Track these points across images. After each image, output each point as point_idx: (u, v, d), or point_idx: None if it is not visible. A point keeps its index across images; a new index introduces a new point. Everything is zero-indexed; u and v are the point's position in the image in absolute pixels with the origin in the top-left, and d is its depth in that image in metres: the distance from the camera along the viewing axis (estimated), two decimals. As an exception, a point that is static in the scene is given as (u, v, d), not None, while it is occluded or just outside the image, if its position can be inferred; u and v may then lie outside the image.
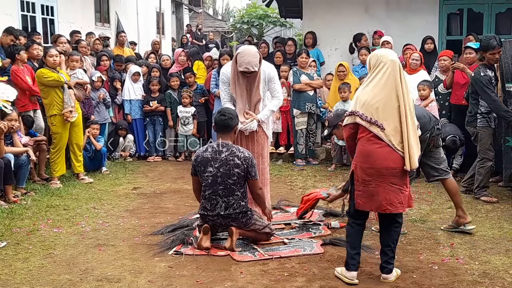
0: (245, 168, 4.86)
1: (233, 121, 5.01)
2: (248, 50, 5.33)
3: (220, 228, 5.00)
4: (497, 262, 4.61)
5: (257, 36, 21.52)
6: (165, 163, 9.54)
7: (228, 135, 5.01)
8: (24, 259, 4.74)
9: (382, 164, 4.07)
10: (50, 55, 7.36)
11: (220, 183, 4.86)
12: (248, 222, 4.96)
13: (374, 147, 4.08)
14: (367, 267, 4.51)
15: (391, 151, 4.07)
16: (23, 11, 11.48)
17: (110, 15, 16.14)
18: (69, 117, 7.38)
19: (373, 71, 4.15)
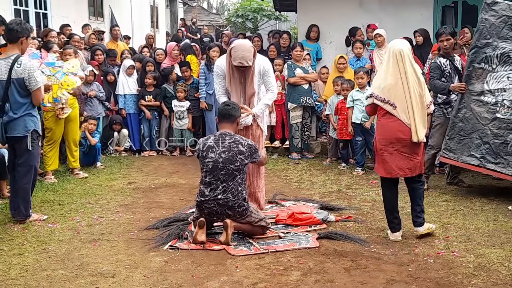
0: (249, 155, 4.97)
1: (237, 111, 5.13)
2: (242, 45, 5.34)
3: (216, 216, 4.96)
4: (492, 254, 4.62)
5: (251, 29, 21.47)
6: (160, 158, 9.52)
7: (231, 125, 5.11)
8: (19, 254, 4.72)
9: (393, 135, 4.87)
10: (54, 51, 7.37)
11: (222, 168, 4.89)
12: (244, 213, 4.96)
13: (387, 121, 4.91)
14: (362, 260, 4.51)
15: (401, 124, 4.85)
16: (15, 5, 11.41)
17: (104, 9, 16.06)
18: (60, 114, 7.33)
19: (385, 59, 4.97)
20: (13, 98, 5.56)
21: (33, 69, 5.57)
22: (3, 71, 5.53)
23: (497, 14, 6.45)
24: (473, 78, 6.56)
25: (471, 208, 6.09)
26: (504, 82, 6.37)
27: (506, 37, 6.38)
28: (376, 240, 5.03)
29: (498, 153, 6.32)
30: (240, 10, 22.08)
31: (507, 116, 6.31)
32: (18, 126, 5.59)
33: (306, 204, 6.14)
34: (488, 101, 6.45)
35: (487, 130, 6.42)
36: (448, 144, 6.75)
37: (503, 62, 6.37)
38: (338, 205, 6.23)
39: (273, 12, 20.64)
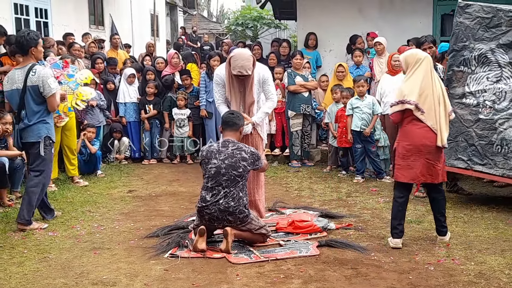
0: (251, 162, 5.00)
1: (240, 120, 5.18)
2: (242, 54, 5.37)
3: (216, 222, 4.96)
4: (493, 262, 4.62)
5: (251, 38, 21.52)
6: (160, 166, 9.52)
7: (234, 134, 5.14)
8: (19, 263, 4.72)
9: (420, 142, 4.96)
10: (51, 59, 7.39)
11: (224, 174, 4.91)
12: (245, 220, 4.96)
13: (414, 128, 4.98)
14: (363, 268, 4.51)
15: (428, 131, 4.95)
16: (16, 14, 11.43)
17: (104, 17, 16.10)
18: (57, 122, 7.35)
19: (412, 67, 5.02)
20: (28, 105, 5.75)
21: (47, 76, 5.75)
22: (19, 80, 5.75)
23: (471, 16, 6.48)
24: (453, 81, 6.58)
25: (471, 215, 6.10)
26: (484, 83, 6.38)
27: (482, 38, 6.39)
28: (376, 248, 5.03)
29: (485, 154, 6.32)
30: (240, 19, 22.13)
31: (489, 116, 6.31)
32: (32, 132, 5.77)
33: (306, 212, 6.14)
34: (470, 103, 6.46)
35: (471, 132, 6.42)
36: None
37: (481, 63, 6.40)
38: (339, 213, 6.23)
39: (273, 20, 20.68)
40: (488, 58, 6.35)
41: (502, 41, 6.27)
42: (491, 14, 6.36)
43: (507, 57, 6.24)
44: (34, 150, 5.81)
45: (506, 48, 6.25)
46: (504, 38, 6.26)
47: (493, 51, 6.33)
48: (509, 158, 6.17)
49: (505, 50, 6.26)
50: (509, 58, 6.23)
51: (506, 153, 6.19)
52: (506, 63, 6.26)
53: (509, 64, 6.23)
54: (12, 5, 11.26)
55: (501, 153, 6.23)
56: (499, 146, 6.25)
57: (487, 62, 6.36)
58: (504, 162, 6.21)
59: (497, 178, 6.41)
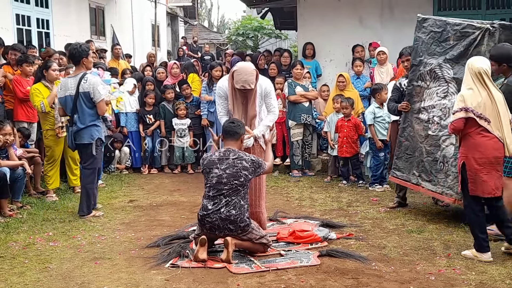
0: (253, 170, 5.02)
1: (241, 129, 5.17)
2: (245, 68, 5.38)
3: (218, 231, 4.95)
4: (494, 272, 4.61)
5: (252, 48, 21.60)
6: (161, 176, 9.53)
7: (235, 143, 5.14)
8: (20, 273, 4.72)
9: (492, 154, 4.87)
10: (53, 69, 7.43)
11: (226, 183, 4.93)
12: (246, 229, 4.96)
13: (484, 140, 4.88)
14: (363, 278, 4.51)
15: (497, 142, 4.89)
16: (18, 24, 11.49)
17: (105, 28, 16.18)
18: (59, 133, 7.39)
19: (475, 76, 4.91)
20: (80, 110, 6.47)
21: (97, 83, 6.50)
22: (72, 88, 6.46)
23: (426, 31, 6.42)
24: (414, 96, 6.52)
25: (472, 225, 6.08)
26: (434, 98, 6.28)
27: (434, 53, 6.30)
28: (377, 257, 5.02)
29: (430, 170, 6.23)
30: (241, 29, 22.24)
31: (436, 132, 6.22)
32: (85, 134, 6.51)
33: (307, 222, 6.14)
34: (423, 118, 6.39)
35: (422, 148, 6.35)
36: (396, 164, 6.73)
37: (432, 78, 6.30)
38: (339, 222, 6.23)
39: (274, 30, 20.79)
40: (436, 73, 6.24)
41: (448, 56, 6.12)
42: (441, 28, 6.24)
43: (452, 72, 6.07)
44: (87, 150, 6.57)
45: (452, 63, 6.09)
46: (450, 53, 6.11)
47: (441, 66, 6.20)
48: (448, 176, 6.02)
49: (451, 65, 6.10)
50: (453, 74, 6.06)
51: (446, 170, 6.05)
52: (450, 79, 6.09)
53: (453, 80, 6.06)
54: (14, 15, 11.32)
55: (442, 170, 6.10)
56: (442, 163, 6.13)
57: (437, 77, 6.24)
58: (444, 179, 6.07)
59: (438, 196, 6.25)
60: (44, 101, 7.27)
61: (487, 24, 5.77)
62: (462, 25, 5.98)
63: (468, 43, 5.91)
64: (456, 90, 5.97)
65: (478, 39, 5.82)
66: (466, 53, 5.91)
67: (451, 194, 5.99)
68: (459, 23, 6.03)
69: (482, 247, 4.93)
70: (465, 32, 5.94)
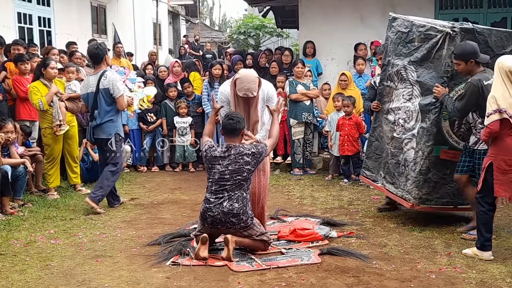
0: (255, 162, 5.05)
1: (241, 124, 5.15)
2: (247, 76, 5.35)
3: (220, 225, 4.95)
4: (495, 270, 4.62)
5: (253, 46, 21.59)
6: (162, 174, 9.54)
7: (236, 138, 5.14)
8: (21, 270, 4.73)
9: None
10: (52, 67, 7.41)
11: (228, 179, 4.96)
12: (248, 223, 4.97)
13: None
14: (364, 276, 4.51)
15: None
16: (20, 23, 11.51)
17: (107, 26, 16.19)
18: (57, 131, 7.38)
19: (505, 75, 4.78)
20: (101, 106, 6.75)
21: (116, 80, 6.76)
22: (93, 85, 6.77)
23: (395, 30, 6.29)
24: (384, 96, 6.43)
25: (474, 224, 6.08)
26: (400, 100, 6.15)
27: (400, 53, 6.16)
28: (378, 256, 5.03)
29: (393, 173, 6.14)
30: (242, 27, 22.21)
31: (400, 135, 6.10)
32: (103, 130, 6.80)
33: (308, 220, 6.15)
34: (390, 120, 6.29)
35: (388, 149, 6.27)
36: (366, 163, 6.70)
37: (399, 80, 6.15)
38: (340, 221, 6.23)
39: (275, 29, 20.77)
40: (402, 75, 6.10)
41: (413, 58, 5.95)
42: (408, 29, 6.08)
43: (415, 75, 5.91)
44: (107, 145, 6.83)
45: (416, 66, 5.93)
46: (415, 55, 5.94)
47: (406, 68, 6.04)
48: (408, 180, 5.90)
49: (415, 67, 5.93)
50: (417, 76, 5.90)
51: (406, 174, 5.94)
52: (414, 81, 5.93)
53: (417, 83, 5.90)
54: (16, 14, 11.34)
55: (403, 174, 5.99)
56: (403, 167, 6.01)
57: (403, 79, 6.10)
58: (404, 183, 5.96)
59: (398, 199, 6.09)
60: (42, 99, 7.26)
61: (448, 28, 5.60)
62: (426, 27, 5.82)
63: (431, 46, 5.74)
64: (419, 93, 5.87)
65: (440, 42, 5.65)
66: (429, 56, 5.78)
67: (409, 198, 5.88)
68: (423, 24, 5.88)
69: (484, 246, 4.93)
70: (429, 34, 5.78)
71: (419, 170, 5.79)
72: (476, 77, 5.24)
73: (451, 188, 5.84)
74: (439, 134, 5.74)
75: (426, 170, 5.78)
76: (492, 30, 5.75)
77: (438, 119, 5.71)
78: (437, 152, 5.77)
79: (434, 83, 5.67)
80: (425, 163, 5.77)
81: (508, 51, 5.67)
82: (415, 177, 5.81)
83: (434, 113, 5.71)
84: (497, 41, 5.67)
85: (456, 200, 5.93)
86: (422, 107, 5.80)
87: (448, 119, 5.71)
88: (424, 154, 5.78)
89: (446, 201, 5.92)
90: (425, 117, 5.78)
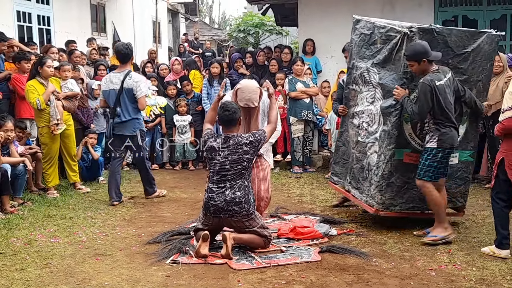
0: (254, 151, 5.11)
1: (237, 114, 5.21)
2: (248, 86, 5.48)
3: (222, 213, 4.98)
4: (495, 268, 4.62)
5: (253, 44, 21.57)
6: (162, 172, 9.54)
7: (233, 128, 5.20)
8: (21, 269, 4.73)
9: None
10: (48, 66, 7.39)
11: (229, 169, 5.02)
12: (250, 211, 5.01)
13: None
14: (364, 274, 4.51)
15: None
16: (19, 21, 11.49)
17: (106, 24, 16.17)
18: (54, 130, 7.37)
19: None
20: (124, 104, 7.09)
21: (140, 81, 7.18)
22: (117, 83, 7.09)
23: (358, 32, 6.18)
24: (350, 100, 6.32)
25: (473, 221, 6.09)
26: (364, 103, 6.03)
27: (364, 56, 6.04)
28: (378, 253, 5.03)
29: (358, 178, 6.01)
30: (242, 25, 22.16)
31: (363, 139, 5.98)
32: (127, 127, 7.17)
33: (308, 218, 6.15)
34: (355, 124, 6.17)
35: (353, 154, 6.15)
36: (334, 169, 6.57)
37: (363, 83, 6.03)
38: (340, 218, 6.23)
39: (275, 27, 20.73)
40: (365, 78, 5.98)
41: (375, 60, 5.83)
42: (370, 31, 5.97)
43: (378, 77, 5.79)
44: (134, 141, 7.21)
45: (378, 68, 5.80)
46: (377, 57, 5.82)
47: (368, 71, 5.92)
48: (371, 185, 5.77)
49: (377, 70, 5.81)
50: (379, 79, 5.77)
51: (370, 179, 5.81)
52: (377, 84, 5.81)
53: (379, 85, 5.77)
54: (15, 12, 11.33)
55: (367, 178, 5.86)
56: (367, 171, 5.88)
57: (366, 82, 5.98)
58: (368, 188, 5.83)
59: (363, 205, 5.94)
60: (39, 98, 7.25)
61: (406, 28, 5.47)
62: (387, 28, 5.70)
63: (392, 47, 5.62)
64: (381, 96, 5.74)
65: (399, 43, 5.52)
66: (390, 57, 5.66)
67: (372, 203, 5.75)
68: (384, 25, 5.77)
69: (502, 244, 4.89)
70: (389, 35, 5.66)
71: (382, 174, 5.65)
72: (428, 77, 5.17)
73: (417, 192, 5.63)
74: (401, 137, 5.57)
75: (389, 174, 5.62)
76: (452, 30, 5.62)
77: (399, 122, 5.54)
78: (400, 155, 5.60)
79: (394, 85, 5.55)
80: (388, 167, 5.61)
81: (469, 50, 5.59)
82: (377, 182, 5.67)
83: (395, 116, 5.55)
84: (458, 40, 5.55)
85: (423, 205, 5.71)
86: (383, 109, 5.65)
87: (410, 122, 5.58)
88: (386, 157, 5.62)
89: (412, 206, 5.74)
90: (387, 120, 5.63)
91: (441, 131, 5.22)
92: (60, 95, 7.55)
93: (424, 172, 5.29)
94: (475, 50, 5.63)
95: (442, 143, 5.21)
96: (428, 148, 5.27)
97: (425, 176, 5.29)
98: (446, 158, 5.31)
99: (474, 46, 5.62)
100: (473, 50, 5.62)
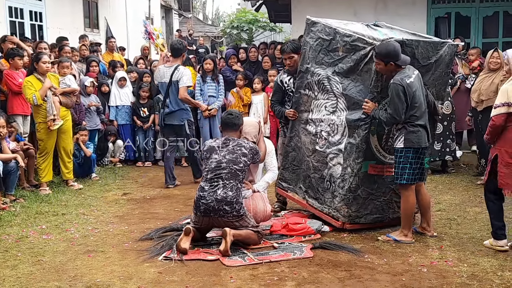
0: (251, 157, 5.20)
1: (239, 120, 5.35)
2: (249, 121, 5.73)
3: (212, 213, 4.97)
4: (486, 264, 4.64)
5: (246, 40, 21.56)
6: (155, 169, 9.52)
7: (234, 133, 5.31)
8: (13, 266, 4.71)
9: None
10: (44, 62, 7.37)
11: (225, 167, 5.06)
12: (240, 212, 5.01)
13: None
14: (356, 270, 4.53)
15: None
16: (11, 17, 11.44)
17: (99, 20, 16.11)
18: (51, 126, 7.36)
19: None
20: (172, 95, 7.75)
21: (185, 74, 7.75)
22: (167, 76, 7.75)
23: (315, 36, 5.87)
24: (301, 105, 6.05)
25: (465, 217, 6.12)
26: (322, 111, 5.80)
27: (322, 62, 5.78)
28: (370, 250, 5.04)
29: (317, 188, 5.82)
30: (236, 22, 22.19)
31: (323, 148, 5.76)
32: (176, 117, 7.82)
33: (301, 212, 6.16)
34: (311, 131, 5.93)
35: (309, 162, 5.92)
36: (283, 174, 6.30)
37: (321, 90, 5.78)
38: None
39: (268, 23, 20.76)
40: (325, 86, 5.73)
41: (337, 69, 5.58)
42: (330, 37, 5.68)
43: (341, 87, 5.55)
44: (181, 130, 7.85)
45: (341, 77, 5.55)
46: (340, 65, 5.56)
47: (329, 79, 5.67)
48: (335, 197, 5.59)
49: (340, 79, 5.56)
50: (342, 89, 5.52)
51: (333, 190, 5.62)
52: (340, 94, 5.57)
53: (343, 96, 5.54)
54: (7, 8, 11.28)
55: (329, 190, 5.68)
56: (328, 182, 5.69)
57: (326, 90, 5.73)
58: (331, 200, 5.64)
59: (325, 217, 5.72)
60: (36, 94, 7.23)
61: (377, 41, 5.22)
62: (353, 38, 5.43)
63: (359, 58, 5.36)
64: (345, 106, 5.54)
65: (369, 56, 5.26)
66: (356, 68, 5.41)
67: (338, 216, 5.58)
68: (349, 34, 5.48)
69: (497, 235, 4.98)
70: (356, 45, 5.39)
71: (348, 188, 5.49)
72: (398, 77, 5.06)
73: (380, 203, 5.61)
74: (368, 150, 5.44)
75: (356, 187, 5.48)
76: (420, 42, 5.46)
77: (367, 135, 5.40)
78: (366, 167, 5.48)
79: (362, 97, 5.34)
80: (355, 180, 5.47)
81: (433, 61, 5.51)
82: (344, 195, 5.51)
83: (364, 129, 5.37)
84: (423, 52, 5.44)
85: (385, 215, 5.69)
86: (350, 122, 5.46)
87: (376, 134, 5.44)
88: (353, 171, 5.45)
89: (376, 217, 5.65)
90: (354, 132, 5.45)
91: (407, 129, 5.10)
92: (57, 91, 7.53)
93: (400, 176, 5.18)
94: (437, 60, 5.55)
95: (408, 142, 5.09)
96: (397, 149, 5.18)
97: (401, 180, 5.18)
98: (418, 159, 5.18)
99: (437, 57, 5.53)
100: (436, 61, 5.54)
